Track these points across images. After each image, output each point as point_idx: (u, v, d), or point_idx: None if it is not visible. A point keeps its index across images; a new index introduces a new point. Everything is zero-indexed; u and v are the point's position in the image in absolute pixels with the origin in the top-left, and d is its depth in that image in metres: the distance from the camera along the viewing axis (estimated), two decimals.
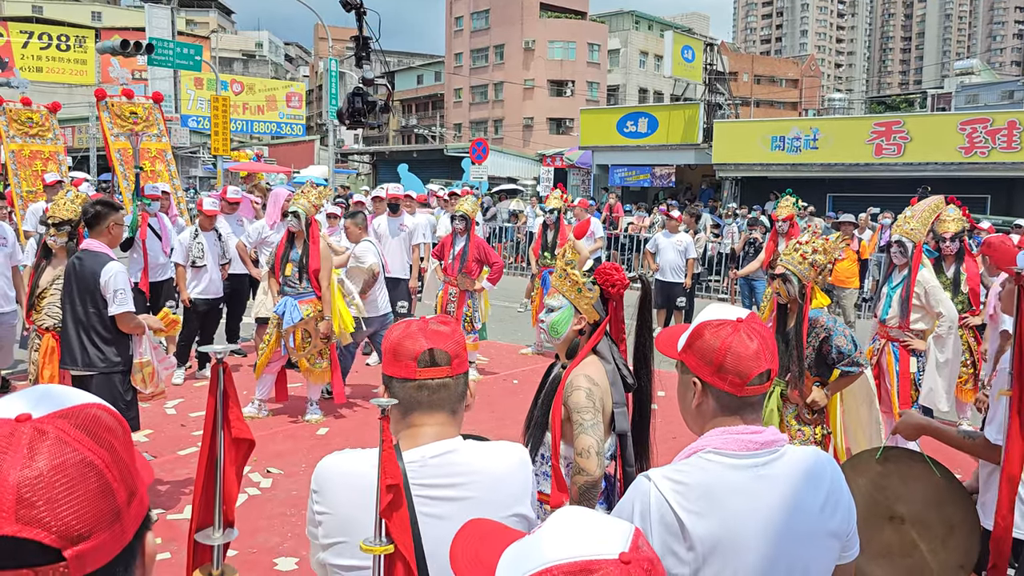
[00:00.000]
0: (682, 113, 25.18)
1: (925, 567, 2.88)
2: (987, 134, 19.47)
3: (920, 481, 2.95)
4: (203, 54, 23.50)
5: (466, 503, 1.68)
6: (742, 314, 1.79)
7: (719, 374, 1.74)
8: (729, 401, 1.76)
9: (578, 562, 0.93)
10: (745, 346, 1.72)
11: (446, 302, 8.47)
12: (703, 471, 1.70)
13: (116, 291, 4.54)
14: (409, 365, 1.74)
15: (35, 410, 0.85)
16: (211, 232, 8.18)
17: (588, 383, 2.81)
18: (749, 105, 57.46)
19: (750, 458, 1.70)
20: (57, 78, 36.76)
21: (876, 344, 6.05)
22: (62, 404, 0.87)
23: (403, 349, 1.75)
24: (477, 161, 20.73)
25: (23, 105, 12.30)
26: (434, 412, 1.77)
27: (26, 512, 0.78)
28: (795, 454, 1.76)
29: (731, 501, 1.67)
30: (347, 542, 1.65)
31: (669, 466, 1.76)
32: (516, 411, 6.18)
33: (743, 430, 1.73)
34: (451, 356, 1.76)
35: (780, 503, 1.68)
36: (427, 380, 1.74)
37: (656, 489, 1.68)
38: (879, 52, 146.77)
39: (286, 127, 39.35)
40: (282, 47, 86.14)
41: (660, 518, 1.66)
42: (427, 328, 1.78)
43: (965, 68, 59.23)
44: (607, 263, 3.08)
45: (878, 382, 5.93)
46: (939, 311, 5.73)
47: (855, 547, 1.83)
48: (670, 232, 11.31)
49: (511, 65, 54.67)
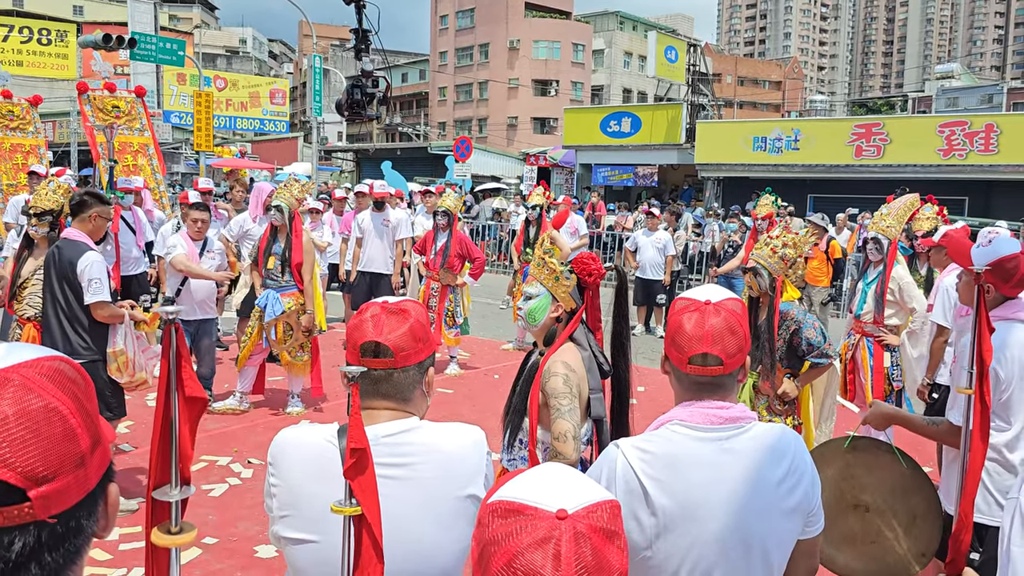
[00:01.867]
0: (665, 113, 25.33)
1: (889, 553, 2.96)
2: (965, 136, 19.73)
3: (886, 471, 3.01)
4: (186, 49, 23.39)
5: (418, 482, 1.70)
6: (716, 297, 1.83)
7: (671, 346, 1.84)
8: (680, 376, 1.84)
9: (516, 503, 1.00)
10: (694, 326, 1.78)
11: (428, 297, 8.53)
12: (669, 442, 1.76)
13: (91, 280, 4.56)
14: (354, 353, 1.76)
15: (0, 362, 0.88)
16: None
17: (565, 369, 2.87)
18: (732, 106, 57.78)
19: (715, 431, 1.76)
20: (38, 72, 36.42)
21: (851, 339, 6.14)
22: (25, 356, 0.90)
23: (352, 336, 1.77)
24: (461, 159, 20.78)
25: (3, 98, 12.22)
26: (382, 399, 1.77)
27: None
28: (760, 429, 1.81)
29: (693, 472, 1.73)
30: (294, 515, 1.68)
31: (638, 436, 1.83)
32: (497, 405, 6.22)
33: (710, 404, 1.79)
34: (395, 350, 1.74)
35: (741, 476, 1.73)
36: (369, 371, 1.74)
37: (623, 456, 1.75)
38: (861, 55, 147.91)
39: (269, 124, 39.17)
40: (266, 44, 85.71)
41: (625, 484, 1.73)
42: (380, 316, 1.77)
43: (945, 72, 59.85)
44: (585, 252, 3.15)
45: (852, 376, 6.04)
46: (912, 307, 5.82)
47: (819, 523, 1.88)
48: (650, 230, 11.44)
49: (496, 64, 54.69)
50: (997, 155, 19.41)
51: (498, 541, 0.97)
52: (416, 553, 1.67)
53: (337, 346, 9.25)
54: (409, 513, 1.69)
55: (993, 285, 2.99)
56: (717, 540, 1.72)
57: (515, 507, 0.99)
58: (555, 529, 0.95)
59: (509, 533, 0.97)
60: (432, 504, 1.70)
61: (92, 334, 4.62)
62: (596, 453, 3.01)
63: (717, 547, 1.73)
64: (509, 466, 3.09)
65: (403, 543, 1.66)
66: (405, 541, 1.67)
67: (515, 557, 0.94)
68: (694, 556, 1.73)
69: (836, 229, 14.67)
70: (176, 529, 1.22)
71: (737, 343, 1.80)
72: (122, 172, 10.36)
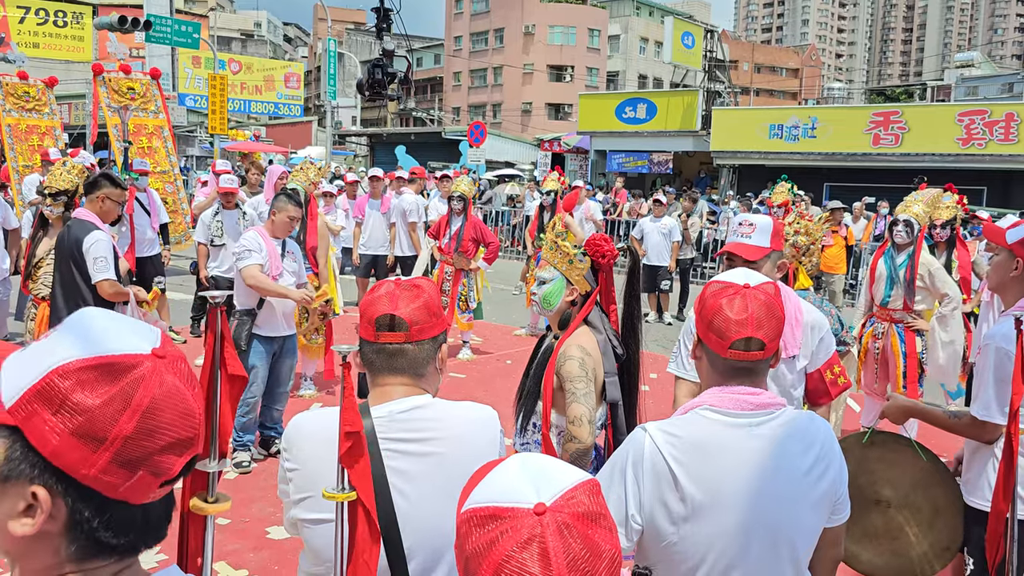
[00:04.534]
0: (681, 100, 25.15)
1: (912, 549, 2.92)
2: (985, 126, 19.50)
3: (906, 465, 2.97)
4: (201, 32, 23.38)
5: (434, 458, 1.71)
6: (754, 281, 1.81)
7: (707, 332, 1.78)
8: (716, 361, 1.79)
9: (491, 507, 0.94)
10: (736, 310, 1.74)
11: (441, 281, 8.52)
12: (697, 426, 1.74)
13: (96, 259, 4.56)
14: (368, 328, 1.76)
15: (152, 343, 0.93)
16: (234, 211, 8.04)
17: (581, 353, 2.84)
18: (749, 94, 57.36)
19: (744, 417, 1.73)
20: (54, 54, 36.47)
21: (877, 328, 6.03)
22: (155, 335, 0.95)
23: (367, 312, 1.77)
24: (475, 144, 20.73)
25: (20, 79, 12.26)
26: (396, 374, 1.78)
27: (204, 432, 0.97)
28: (789, 415, 1.79)
29: (722, 458, 1.70)
30: (314, 496, 1.67)
31: (666, 420, 1.80)
32: (510, 391, 6.19)
33: (741, 390, 1.76)
34: (410, 323, 1.75)
35: (770, 464, 1.71)
36: (384, 344, 1.75)
37: (650, 439, 1.73)
38: (880, 43, 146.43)
39: (284, 107, 39.18)
40: (281, 27, 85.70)
41: (652, 467, 1.70)
42: (395, 292, 1.78)
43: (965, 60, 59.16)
44: (597, 234, 3.12)
45: (878, 366, 5.96)
46: (945, 292, 5.73)
47: (845, 511, 1.87)
48: (656, 217, 11.39)
49: (511, 49, 54.47)
50: (1017, 144, 19.19)
51: (481, 552, 0.91)
52: (439, 529, 1.65)
53: (351, 330, 9.27)
54: (429, 490, 1.69)
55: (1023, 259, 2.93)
56: (744, 529, 1.70)
57: (491, 512, 0.93)
58: (536, 527, 0.90)
59: (491, 541, 0.91)
60: (452, 479, 1.66)
61: None
62: (611, 437, 2.99)
63: (743, 536, 1.71)
64: (522, 450, 3.07)
65: (427, 518, 1.66)
66: (429, 516, 1.67)
67: (502, 566, 0.89)
68: (720, 545, 1.70)
69: (853, 218, 14.56)
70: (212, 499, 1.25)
71: (778, 327, 1.78)
72: (136, 154, 10.38)
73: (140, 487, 0.88)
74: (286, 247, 5.50)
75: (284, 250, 5.47)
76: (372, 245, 9.58)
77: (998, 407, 2.79)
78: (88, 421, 0.84)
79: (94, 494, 0.87)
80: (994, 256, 3.11)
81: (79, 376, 0.86)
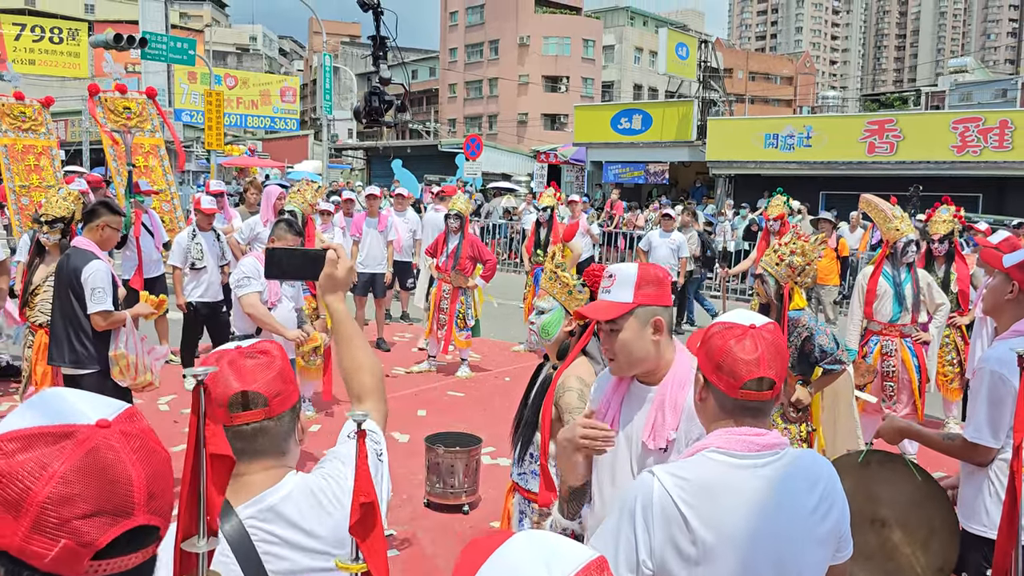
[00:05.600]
0: (676, 110, 25.22)
1: (907, 569, 2.92)
2: (979, 133, 19.55)
3: (901, 484, 2.99)
4: (197, 48, 23.41)
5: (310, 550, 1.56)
6: (759, 321, 1.82)
7: (717, 373, 1.78)
8: (726, 402, 1.80)
9: None
10: (745, 350, 1.76)
11: (440, 299, 8.52)
12: (705, 468, 1.74)
13: (94, 289, 4.53)
14: (219, 411, 1.52)
15: (83, 416, 0.94)
16: (210, 232, 7.87)
17: (580, 384, 2.85)
18: (744, 102, 57.54)
19: (751, 458, 1.74)
20: (50, 71, 36.57)
21: (887, 345, 6.08)
22: (111, 408, 0.97)
23: (213, 390, 1.51)
24: (471, 157, 20.76)
25: (16, 100, 12.27)
26: (258, 458, 1.57)
27: (153, 505, 0.93)
28: (793, 455, 1.80)
29: (730, 499, 1.71)
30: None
31: (672, 463, 1.81)
32: (508, 409, 6.19)
33: (746, 431, 1.77)
34: (268, 396, 1.55)
35: (777, 504, 1.73)
36: (241, 427, 1.54)
37: (659, 482, 1.72)
38: (873, 49, 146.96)
39: (280, 122, 39.26)
40: (276, 41, 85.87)
41: (662, 510, 1.70)
42: (241, 363, 1.57)
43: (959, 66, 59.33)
44: (596, 264, 3.12)
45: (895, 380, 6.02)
46: (940, 303, 6.02)
47: (848, 548, 1.89)
48: (665, 231, 11.35)
49: (506, 60, 54.62)
50: (1011, 152, 19.23)
51: None
52: None
53: None
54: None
55: (1019, 283, 2.95)
56: (753, 569, 1.71)
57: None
58: None
59: None
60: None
61: (96, 343, 4.61)
62: None
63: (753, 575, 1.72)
64: (519, 480, 3.07)
65: None
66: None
67: None
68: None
69: (849, 228, 14.58)
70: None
71: (784, 366, 1.81)
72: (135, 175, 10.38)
73: (67, 558, 0.87)
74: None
75: None
76: (370, 263, 9.61)
77: (990, 430, 2.82)
78: (5, 488, 0.86)
79: (27, 567, 0.87)
80: (990, 279, 3.13)
81: (6, 445, 0.88)
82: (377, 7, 6.24)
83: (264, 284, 5.32)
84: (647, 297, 2.19)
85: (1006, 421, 2.81)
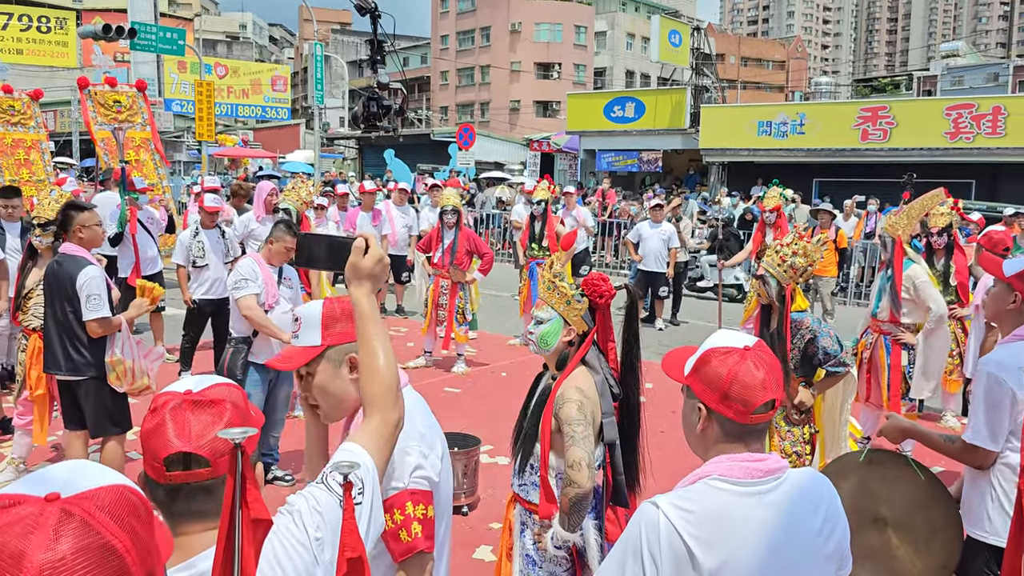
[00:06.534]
0: (669, 98, 25.17)
1: (909, 569, 2.93)
2: (972, 119, 19.57)
3: (903, 483, 2.99)
4: (186, 38, 23.19)
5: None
6: (749, 342, 1.81)
7: (725, 401, 1.76)
8: (733, 428, 1.78)
9: None
10: (752, 375, 1.74)
11: (438, 295, 8.48)
12: (710, 498, 1.72)
13: (89, 296, 4.48)
14: (154, 466, 1.38)
15: (65, 488, 0.90)
16: (214, 230, 7.78)
17: (579, 395, 2.83)
18: (736, 88, 57.44)
19: (755, 485, 1.73)
20: (38, 60, 36.20)
21: (868, 338, 6.09)
22: (88, 484, 0.92)
23: (148, 443, 1.39)
24: (464, 147, 20.68)
25: (4, 93, 12.15)
26: (198, 520, 1.41)
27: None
28: (795, 478, 1.79)
29: (737, 529, 1.70)
30: None
31: (675, 493, 1.78)
32: (506, 404, 6.19)
33: (748, 457, 1.76)
34: (211, 458, 1.37)
35: (783, 529, 1.72)
36: (180, 485, 1.38)
37: (664, 516, 1.70)
38: (865, 33, 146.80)
39: (271, 111, 39.03)
40: (266, 28, 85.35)
41: (669, 546, 1.68)
42: (184, 415, 1.39)
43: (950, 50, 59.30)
44: (594, 273, 3.10)
45: (869, 376, 5.99)
46: (928, 306, 5.74)
47: (848, 565, 1.88)
48: (654, 222, 11.31)
49: (497, 47, 54.38)
50: (1004, 138, 19.27)
51: None
52: None
53: None
54: None
55: (1022, 293, 2.96)
56: None
57: None
58: None
59: None
60: None
61: (92, 349, 4.57)
62: (609, 476, 2.98)
63: None
64: (520, 491, 3.05)
65: None
66: None
67: None
68: None
69: (843, 216, 14.58)
70: None
71: (782, 380, 1.82)
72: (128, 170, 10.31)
73: None
74: (283, 274, 5.45)
75: (280, 277, 5.43)
76: None
77: (988, 432, 2.82)
78: None
79: None
80: (992, 287, 3.12)
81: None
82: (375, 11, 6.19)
83: (262, 286, 5.23)
84: (337, 336, 2.05)
85: (1005, 424, 2.81)
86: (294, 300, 5.52)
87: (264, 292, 5.23)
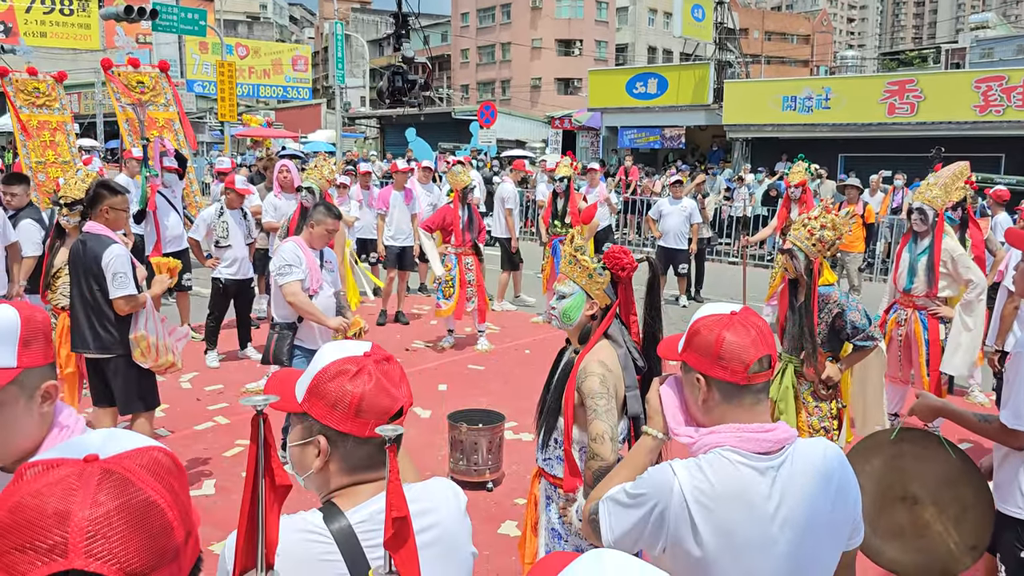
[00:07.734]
0: (692, 74, 24.87)
1: (938, 546, 2.91)
2: (1002, 92, 19.15)
3: (934, 461, 2.96)
4: (207, 18, 23.24)
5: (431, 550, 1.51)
6: (735, 308, 1.85)
7: (720, 364, 1.78)
8: (732, 390, 1.79)
9: None
10: (741, 335, 1.78)
11: (463, 273, 8.46)
12: (725, 472, 1.72)
13: (116, 274, 4.51)
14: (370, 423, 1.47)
15: (101, 451, 0.91)
16: (237, 210, 7.84)
17: (602, 369, 2.82)
18: (760, 63, 56.67)
19: (766, 460, 1.73)
20: (61, 43, 36.33)
21: (900, 314, 6.00)
22: (126, 446, 0.93)
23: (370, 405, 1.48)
24: (485, 125, 20.61)
25: (29, 75, 12.24)
26: (375, 470, 1.53)
27: (94, 547, 0.83)
28: (803, 450, 1.79)
29: (749, 502, 1.70)
30: None
31: (691, 460, 1.78)
32: (529, 381, 6.21)
33: (757, 428, 1.76)
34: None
35: (795, 503, 1.72)
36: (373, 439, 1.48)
37: (679, 485, 1.72)
38: (892, 6, 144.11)
39: (292, 91, 39.01)
40: (286, 8, 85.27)
41: (675, 516, 1.71)
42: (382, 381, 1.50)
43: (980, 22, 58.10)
44: (615, 247, 3.07)
45: (906, 352, 5.92)
46: (969, 278, 5.66)
47: (860, 534, 1.89)
48: (675, 198, 11.27)
49: (518, 25, 53.96)
50: None
51: None
52: None
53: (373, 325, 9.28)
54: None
55: None
56: (773, 566, 1.72)
57: None
58: None
59: None
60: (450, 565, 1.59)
61: (119, 327, 4.60)
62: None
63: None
64: (545, 466, 3.06)
65: None
66: None
67: None
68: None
69: (870, 191, 14.40)
70: None
71: (772, 342, 1.84)
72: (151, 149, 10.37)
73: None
74: (324, 257, 5.34)
75: (323, 261, 5.31)
76: (399, 237, 9.70)
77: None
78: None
79: None
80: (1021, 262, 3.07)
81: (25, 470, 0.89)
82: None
83: (306, 272, 5.11)
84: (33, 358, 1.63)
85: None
86: (335, 284, 5.45)
87: (308, 277, 5.12)
